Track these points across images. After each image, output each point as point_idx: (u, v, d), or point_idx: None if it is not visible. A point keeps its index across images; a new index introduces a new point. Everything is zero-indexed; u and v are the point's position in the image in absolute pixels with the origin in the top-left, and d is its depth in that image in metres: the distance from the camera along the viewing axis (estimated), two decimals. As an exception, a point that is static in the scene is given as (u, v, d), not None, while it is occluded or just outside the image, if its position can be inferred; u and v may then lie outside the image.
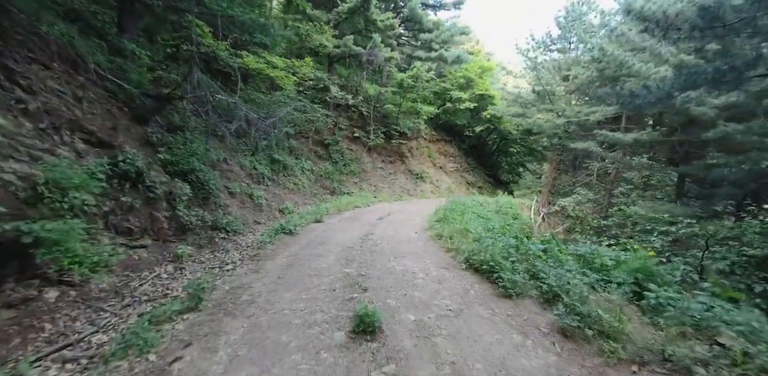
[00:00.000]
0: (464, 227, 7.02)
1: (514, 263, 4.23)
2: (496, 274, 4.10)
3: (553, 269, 3.92)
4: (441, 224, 8.38)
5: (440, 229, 7.71)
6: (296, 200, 13.15)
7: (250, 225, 9.12)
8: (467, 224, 7.96)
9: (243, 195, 10.32)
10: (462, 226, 7.26)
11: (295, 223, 8.69)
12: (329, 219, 10.18)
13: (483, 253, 4.75)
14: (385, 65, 17.50)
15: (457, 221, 8.35)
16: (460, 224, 7.90)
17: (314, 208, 11.63)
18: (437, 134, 25.07)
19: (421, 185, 21.87)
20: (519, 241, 5.17)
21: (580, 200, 17.29)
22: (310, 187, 14.85)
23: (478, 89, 21.40)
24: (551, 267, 4.00)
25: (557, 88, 16.89)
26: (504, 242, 5.30)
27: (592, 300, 3.26)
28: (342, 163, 17.17)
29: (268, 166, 12.94)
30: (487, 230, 7.22)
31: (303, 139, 16.32)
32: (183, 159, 7.00)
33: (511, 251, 4.69)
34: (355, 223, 9.48)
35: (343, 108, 18.78)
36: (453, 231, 7.06)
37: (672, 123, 12.13)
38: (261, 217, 10.20)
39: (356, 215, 11.38)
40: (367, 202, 14.82)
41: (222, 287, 4.39)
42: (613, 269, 3.86)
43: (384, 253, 5.91)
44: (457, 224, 7.94)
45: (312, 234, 7.77)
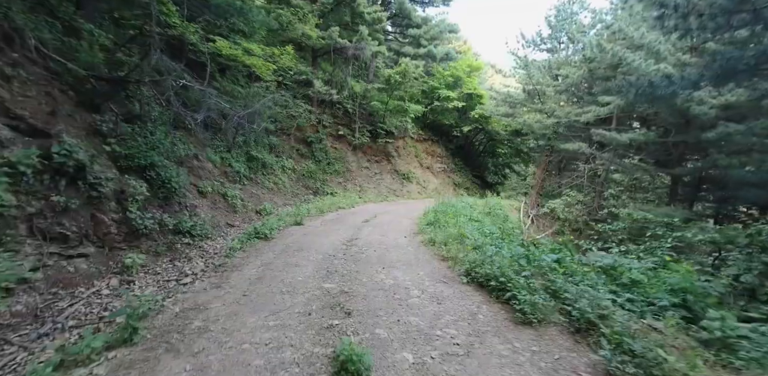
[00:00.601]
0: (459, 232, 6.33)
1: (528, 279, 3.52)
2: (508, 292, 3.39)
3: (575, 286, 3.25)
4: (432, 227, 7.68)
5: (432, 233, 7.00)
6: (275, 201, 12.26)
7: (221, 228, 8.22)
8: (461, 227, 7.29)
9: (215, 195, 9.40)
10: (456, 230, 6.57)
11: (272, 226, 7.84)
12: (310, 221, 9.36)
13: (488, 265, 4.05)
14: (372, 61, 16.75)
15: (449, 224, 7.67)
16: (454, 227, 7.23)
17: (295, 209, 10.78)
18: (424, 134, 24.45)
19: (408, 186, 21.20)
20: (527, 249, 4.51)
21: (570, 201, 16.92)
22: (291, 186, 13.97)
23: (466, 88, 20.87)
24: (572, 284, 3.33)
25: (547, 88, 16.48)
26: (508, 250, 4.63)
27: (636, 330, 2.58)
28: (326, 162, 16.32)
29: (246, 164, 12.03)
30: (484, 235, 6.56)
31: (284, 137, 15.40)
32: (140, 153, 6.07)
33: (522, 263, 4.00)
34: (339, 226, 8.69)
35: (327, 104, 17.94)
36: (447, 236, 6.36)
37: (666, 124, 11.80)
38: (235, 219, 9.30)
39: (340, 216, 10.58)
40: (352, 203, 14.04)
41: (171, 308, 3.55)
42: (648, 287, 3.21)
43: (371, 262, 5.16)
44: (450, 227, 7.27)
45: (290, 239, 6.95)
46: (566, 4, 17.98)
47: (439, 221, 8.10)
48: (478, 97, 21.34)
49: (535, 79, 16.15)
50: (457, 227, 7.19)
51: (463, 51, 25.23)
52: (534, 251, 4.53)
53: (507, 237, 6.27)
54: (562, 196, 17.22)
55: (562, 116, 15.57)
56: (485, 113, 20.85)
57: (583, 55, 14.86)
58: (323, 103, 17.67)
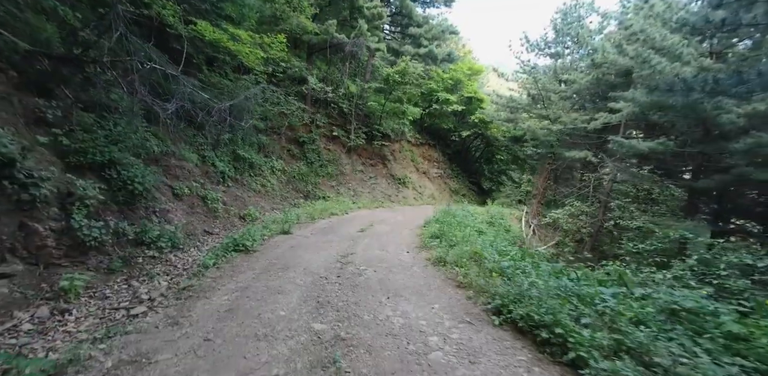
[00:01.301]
0: (474, 250, 5.41)
1: (594, 331, 2.58)
2: (570, 352, 2.43)
3: (662, 343, 2.35)
4: (439, 241, 6.76)
5: (440, 250, 6.08)
6: (262, 205, 11.25)
7: (197, 236, 7.19)
8: (472, 242, 6.39)
9: (193, 198, 8.38)
10: (469, 247, 5.66)
11: (256, 235, 6.86)
12: (300, 230, 8.38)
13: (529, 303, 3.13)
14: (370, 58, 15.87)
15: (457, 237, 6.76)
16: (464, 242, 6.33)
17: (283, 215, 9.78)
18: (421, 138, 23.63)
19: (404, 191, 20.31)
20: (571, 279, 3.62)
21: (573, 212, 16.19)
22: (280, 189, 12.96)
23: (466, 91, 20.13)
24: (651, 337, 2.43)
25: (552, 94, 15.79)
26: (541, 276, 3.74)
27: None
28: (318, 164, 15.35)
29: (231, 164, 11.02)
30: (500, 253, 5.66)
31: (275, 136, 14.40)
32: (96, 147, 5.06)
33: (574, 302, 3.08)
34: (332, 236, 7.73)
35: (321, 104, 16.99)
36: (459, 254, 5.44)
37: (681, 132, 11.13)
38: (215, 225, 8.28)
39: (333, 224, 9.61)
40: (345, 208, 13.07)
41: (101, 361, 2.55)
42: (761, 348, 2.31)
43: (371, 288, 4.21)
44: (459, 242, 6.37)
45: (275, 252, 5.97)
46: (573, 7, 17.39)
47: (445, 234, 7.19)
48: (479, 101, 20.61)
49: (541, 84, 15.45)
50: (467, 242, 6.29)
51: (463, 54, 24.56)
52: (573, 277, 3.65)
53: (528, 256, 5.39)
54: (565, 206, 16.48)
55: (568, 123, 14.86)
56: (485, 118, 20.11)
57: (591, 60, 14.20)
58: (317, 103, 16.73)
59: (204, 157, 9.98)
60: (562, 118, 14.82)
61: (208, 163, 10.03)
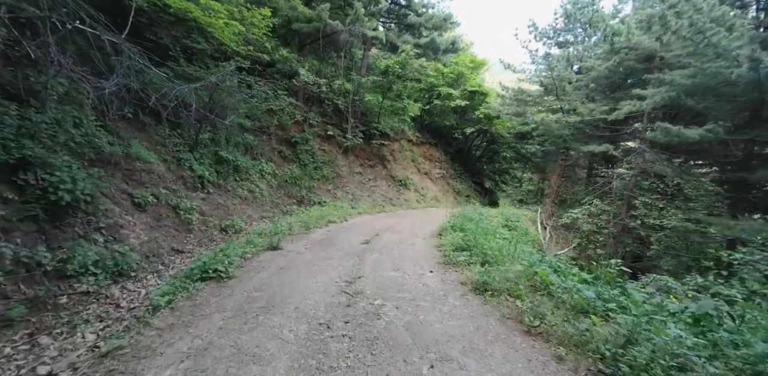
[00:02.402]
0: (528, 272, 3.96)
1: None
2: None
3: None
4: (468, 255, 5.32)
5: (476, 269, 4.64)
6: (249, 213, 9.77)
7: (162, 257, 5.68)
8: (513, 256, 4.95)
9: (161, 207, 6.88)
10: (514, 264, 4.21)
11: (235, 253, 5.38)
12: (292, 243, 6.90)
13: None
14: (367, 49, 14.47)
15: (490, 249, 5.32)
16: (502, 256, 4.90)
17: (273, 225, 8.29)
18: (422, 136, 22.21)
19: (405, 193, 18.87)
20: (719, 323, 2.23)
21: (593, 211, 14.83)
22: (270, 195, 11.46)
23: (469, 85, 18.77)
24: None
25: (567, 85, 14.47)
26: (645, 314, 2.33)
27: None
28: (312, 167, 13.86)
29: (212, 167, 9.55)
30: (559, 273, 4.22)
31: (264, 136, 12.93)
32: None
33: None
34: (331, 250, 6.25)
35: (315, 101, 15.55)
36: (505, 276, 3.99)
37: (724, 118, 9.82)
38: (188, 241, 6.77)
39: (331, 234, 8.14)
40: (344, 214, 11.60)
41: None
42: None
43: (400, 344, 2.75)
44: (497, 256, 4.92)
45: (257, 279, 4.48)
46: (583, -8, 16.14)
47: (473, 245, 5.74)
48: (482, 96, 19.26)
49: (556, 72, 14.12)
50: (507, 257, 4.85)
51: (464, 46, 23.24)
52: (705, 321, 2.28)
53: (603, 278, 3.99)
54: (583, 205, 15.12)
55: (586, 114, 13.52)
56: (491, 113, 18.75)
57: (610, 44, 12.91)
58: (310, 100, 15.30)
59: (179, 160, 8.51)
60: (579, 110, 13.48)
61: (184, 167, 8.54)
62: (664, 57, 12.73)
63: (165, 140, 8.49)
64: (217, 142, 10.21)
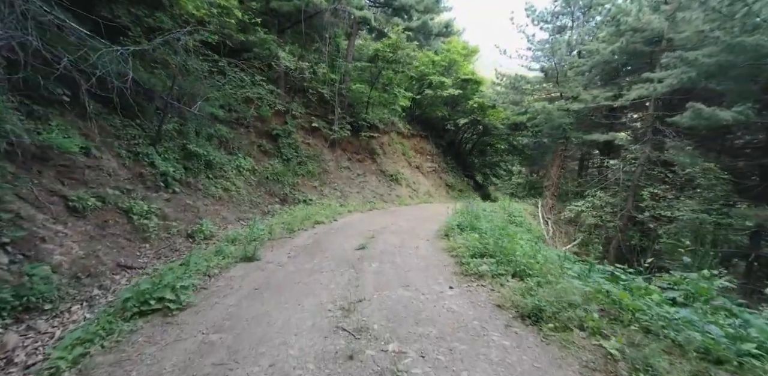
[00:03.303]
0: (608, 292, 2.91)
1: None
2: None
3: None
4: (494, 264, 4.25)
5: (507, 282, 3.58)
6: (224, 215, 8.55)
7: (100, 277, 4.44)
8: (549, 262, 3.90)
9: (108, 212, 5.65)
10: (581, 282, 3.15)
11: (196, 271, 4.20)
12: (272, 251, 5.72)
13: None
14: (354, 32, 13.21)
15: (523, 257, 4.26)
16: (538, 264, 3.85)
17: (249, 228, 7.07)
18: (412, 128, 21.09)
19: (397, 189, 17.78)
20: None
21: (596, 203, 14.01)
22: (249, 193, 10.21)
23: (462, 73, 17.69)
24: None
25: (568, 70, 13.52)
26: None
27: None
28: (296, 161, 12.62)
29: (179, 163, 8.29)
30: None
31: (241, 129, 11.62)
32: None
33: None
34: (320, 260, 5.10)
35: (297, 90, 14.26)
36: (557, 296, 2.95)
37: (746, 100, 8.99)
38: (141, 253, 5.53)
39: (319, 238, 6.99)
40: (333, 213, 10.46)
41: None
42: None
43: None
44: (533, 267, 3.87)
45: (219, 310, 3.30)
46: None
47: (494, 249, 4.67)
48: (476, 84, 18.21)
49: (558, 56, 13.12)
50: (546, 264, 3.79)
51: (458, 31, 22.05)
52: None
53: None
54: (586, 197, 14.29)
55: (590, 101, 12.62)
56: (485, 102, 17.72)
57: (616, 25, 11.98)
58: (292, 89, 14.00)
59: (137, 155, 7.23)
60: (582, 96, 12.56)
61: (143, 163, 7.27)
62: (673, 39, 11.90)
63: (119, 132, 7.22)
64: (185, 135, 8.94)
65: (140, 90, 8.24)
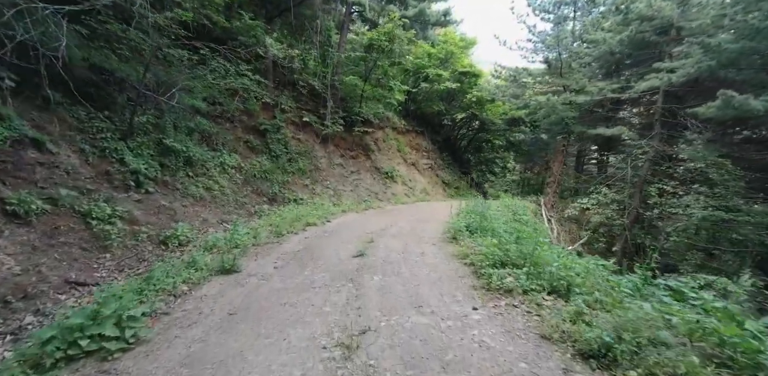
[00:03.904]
0: (697, 322, 2.19)
1: None
2: None
3: None
4: (521, 276, 3.52)
5: (544, 300, 2.85)
6: (205, 217, 7.71)
7: (39, 299, 3.62)
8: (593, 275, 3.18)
9: (61, 216, 4.83)
10: (649, 304, 2.43)
11: (161, 287, 3.38)
12: (256, 261, 4.93)
13: None
14: (347, 19, 12.37)
15: (561, 269, 3.54)
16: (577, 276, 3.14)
17: (231, 232, 6.26)
18: (407, 124, 20.31)
19: (393, 187, 17.01)
20: None
21: (601, 200, 13.41)
22: (234, 193, 9.36)
23: (460, 66, 16.94)
24: None
25: (572, 61, 12.85)
26: None
27: None
28: (286, 158, 11.76)
29: (155, 159, 7.44)
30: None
31: (227, 123, 10.75)
32: None
33: None
34: (311, 272, 4.33)
35: (287, 83, 13.39)
36: (625, 325, 2.22)
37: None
38: (99, 265, 4.70)
39: (310, 243, 6.20)
40: (326, 214, 9.67)
41: None
42: None
43: None
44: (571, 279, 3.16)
45: (178, 349, 2.52)
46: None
47: (518, 256, 3.95)
48: (474, 77, 17.47)
49: (564, 45, 12.43)
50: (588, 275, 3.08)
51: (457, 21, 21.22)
52: None
53: None
54: (590, 194, 13.69)
55: (595, 93, 11.98)
56: (484, 96, 17.00)
57: (624, 14, 11.33)
58: (282, 82, 13.14)
59: (103, 150, 6.38)
60: (587, 88, 11.91)
61: (111, 159, 6.42)
62: (683, 27, 11.31)
63: (83, 124, 6.36)
64: (162, 129, 8.06)
65: (110, 78, 7.40)
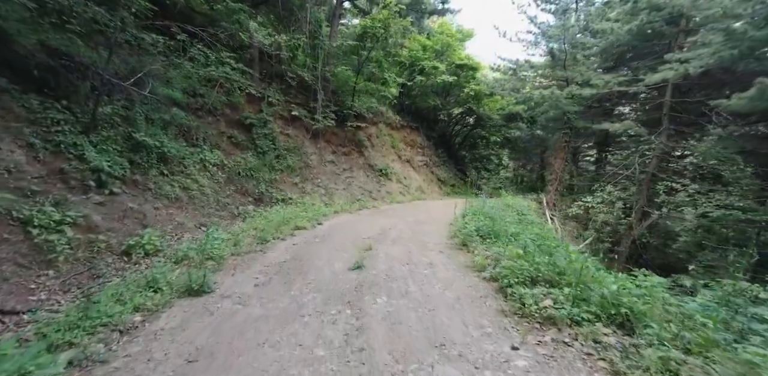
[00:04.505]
0: None
1: None
2: None
3: None
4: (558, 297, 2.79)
5: (606, 336, 2.12)
6: (180, 220, 6.87)
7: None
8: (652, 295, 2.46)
9: (-7, 225, 3.92)
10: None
11: (105, 319, 2.56)
12: (233, 277, 4.12)
13: None
14: (338, 7, 11.51)
15: (597, 282, 2.82)
16: (652, 303, 2.41)
17: (204, 238, 5.43)
18: (402, 119, 19.51)
19: (387, 185, 16.24)
20: None
21: (606, 199, 12.83)
22: (215, 193, 8.50)
23: (457, 58, 16.18)
24: None
25: (578, 52, 12.17)
26: None
27: None
28: (273, 155, 10.91)
29: (122, 156, 6.61)
30: None
31: (209, 117, 9.88)
32: None
33: None
34: (299, 292, 3.54)
35: (275, 75, 12.49)
36: None
37: None
38: (39, 285, 3.86)
39: (299, 251, 5.40)
40: (317, 215, 8.89)
41: None
42: None
43: None
44: (631, 305, 2.44)
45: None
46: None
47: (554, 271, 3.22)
48: (471, 70, 16.72)
49: (570, 34, 11.73)
50: (669, 306, 2.36)
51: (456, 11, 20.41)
52: None
53: None
54: (595, 192, 13.10)
55: (602, 86, 11.34)
56: (483, 90, 16.27)
57: (632, 1, 10.69)
58: (268, 73, 12.26)
59: (58, 145, 5.50)
60: (593, 81, 11.27)
61: (67, 155, 5.55)
62: (694, 17, 10.73)
63: (35, 115, 5.49)
64: (132, 122, 7.18)
65: (70, 64, 6.51)
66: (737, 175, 10.47)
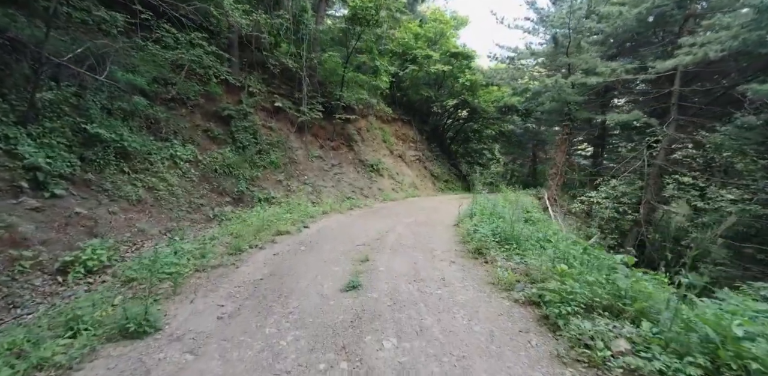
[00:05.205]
0: None
1: None
2: None
3: None
4: (633, 337, 1.95)
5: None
6: (141, 226, 5.88)
7: None
8: None
9: None
10: None
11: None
12: (191, 304, 3.18)
13: None
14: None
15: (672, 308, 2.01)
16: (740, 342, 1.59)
17: (154, 258, 4.45)
18: (393, 112, 18.56)
19: (379, 181, 15.33)
20: None
21: (611, 193, 12.16)
22: (187, 193, 7.48)
23: (451, 46, 15.26)
24: None
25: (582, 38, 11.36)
26: None
27: None
28: (255, 150, 9.89)
29: (73, 152, 5.60)
30: None
31: (182, 108, 8.84)
32: None
33: None
34: (275, 329, 2.64)
35: (256, 62, 11.42)
36: None
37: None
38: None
39: (279, 267, 4.45)
40: (303, 216, 7.95)
41: None
42: None
43: None
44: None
45: None
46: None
47: (612, 292, 2.38)
48: (466, 59, 15.83)
49: (577, 16, 10.89)
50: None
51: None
52: None
53: None
54: (599, 187, 12.42)
55: (608, 74, 10.60)
56: (478, 79, 15.40)
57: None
58: (249, 62, 11.21)
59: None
60: (599, 69, 10.52)
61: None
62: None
63: (-49, 101, 4.40)
64: (84, 111, 6.12)
65: (4, 41, 5.46)
66: (751, 169, 9.88)
